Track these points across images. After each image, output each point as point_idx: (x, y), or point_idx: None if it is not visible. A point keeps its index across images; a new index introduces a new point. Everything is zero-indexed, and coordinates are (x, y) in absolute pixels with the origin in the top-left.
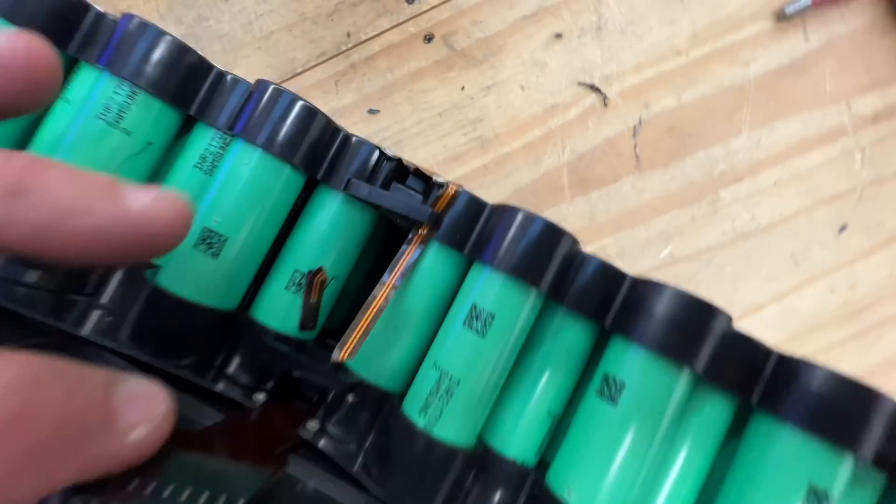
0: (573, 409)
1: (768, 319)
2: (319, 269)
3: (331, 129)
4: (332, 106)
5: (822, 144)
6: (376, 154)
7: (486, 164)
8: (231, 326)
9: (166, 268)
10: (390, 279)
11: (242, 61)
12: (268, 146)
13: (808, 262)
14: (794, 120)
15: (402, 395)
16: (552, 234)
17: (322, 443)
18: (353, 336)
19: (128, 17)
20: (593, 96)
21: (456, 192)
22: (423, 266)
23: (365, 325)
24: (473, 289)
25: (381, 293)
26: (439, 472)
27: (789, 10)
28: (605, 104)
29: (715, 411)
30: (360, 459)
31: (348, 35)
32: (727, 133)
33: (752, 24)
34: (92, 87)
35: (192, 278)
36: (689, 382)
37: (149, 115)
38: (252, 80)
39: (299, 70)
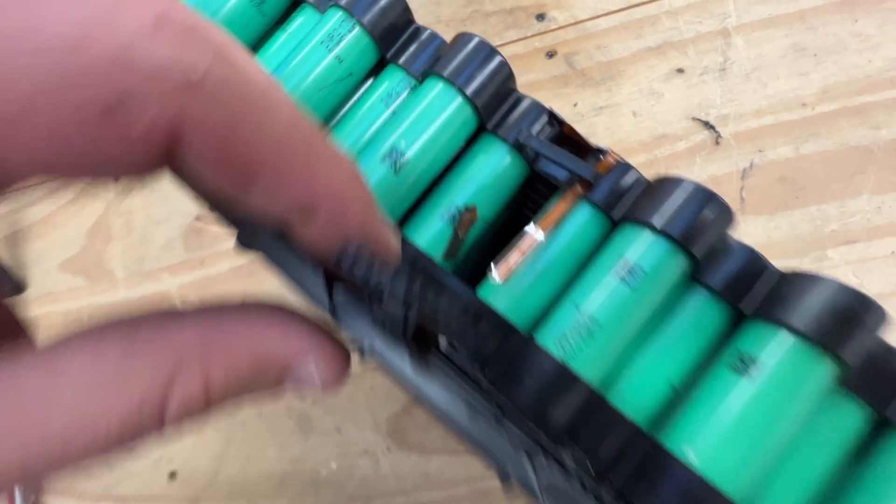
0: (695, 385)
1: None
2: (473, 208)
3: (510, 85)
4: None
5: None
6: (546, 115)
7: None
8: None
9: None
10: (539, 225)
11: None
12: (463, 86)
13: None
14: None
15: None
16: (719, 210)
17: (454, 357)
18: (510, 263)
19: None
20: (706, 133)
21: (617, 161)
22: (571, 221)
23: (519, 257)
24: (629, 246)
25: (531, 235)
26: (566, 402)
27: None
28: (717, 143)
29: (850, 415)
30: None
31: None
32: (845, 193)
33: (891, 87)
34: (321, 20)
35: (372, 186)
36: (830, 373)
37: (358, 48)
38: None
39: None
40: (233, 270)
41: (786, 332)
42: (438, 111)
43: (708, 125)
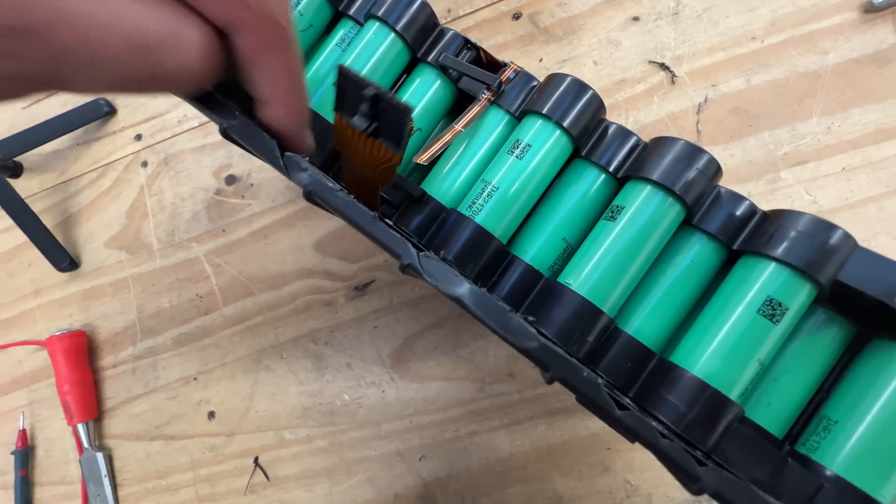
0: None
1: None
2: (410, 122)
3: (433, 21)
4: None
5: None
6: (461, 41)
7: None
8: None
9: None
10: (458, 125)
11: None
12: (393, 24)
13: (874, 249)
14: (873, 109)
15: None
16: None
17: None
18: (432, 149)
19: None
20: (662, 74)
21: (518, 69)
22: (484, 121)
23: (441, 144)
24: (527, 132)
25: (450, 131)
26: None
27: (876, 1)
28: (673, 82)
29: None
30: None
31: (448, 10)
32: (796, 117)
33: (837, 14)
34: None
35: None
36: (678, 210)
37: (314, 5)
38: None
39: None
40: (250, 235)
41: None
42: (374, 47)
43: (664, 66)
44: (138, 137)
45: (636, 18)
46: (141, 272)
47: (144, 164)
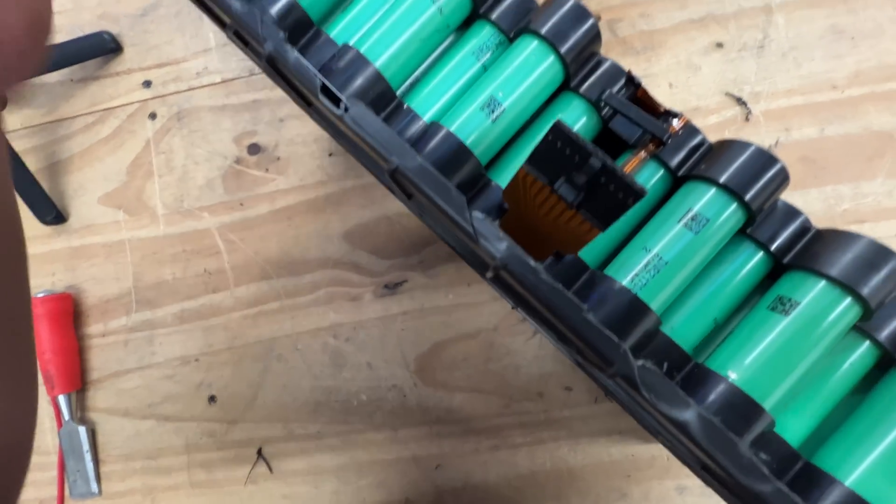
0: (736, 320)
1: None
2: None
3: (595, 47)
4: None
5: None
6: (625, 76)
7: None
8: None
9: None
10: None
11: None
12: (559, 45)
13: None
14: None
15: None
16: (777, 173)
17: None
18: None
19: None
20: (737, 109)
21: (687, 122)
22: (641, 175)
23: None
24: (695, 198)
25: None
26: (633, 324)
27: None
28: (747, 119)
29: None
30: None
31: None
32: (862, 175)
33: None
34: None
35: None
36: (856, 312)
37: (459, 3)
38: None
39: None
40: (271, 213)
41: (819, 278)
42: (533, 67)
43: (740, 101)
44: (147, 84)
45: (720, 45)
46: (141, 237)
47: (153, 115)
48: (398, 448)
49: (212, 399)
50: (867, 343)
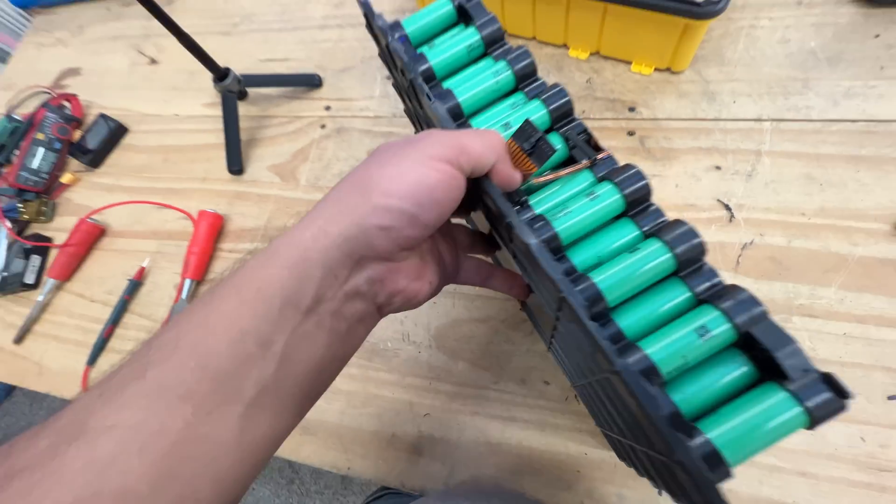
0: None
1: None
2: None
3: (571, 110)
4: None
5: None
6: (583, 127)
7: None
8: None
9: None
10: (563, 172)
11: None
12: (551, 108)
13: (851, 406)
14: (882, 300)
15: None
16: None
17: None
18: (543, 178)
19: None
20: (724, 212)
21: (608, 154)
22: (577, 177)
23: (549, 178)
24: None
25: (556, 174)
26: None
27: None
28: (730, 221)
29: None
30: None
31: (583, 112)
32: (818, 281)
33: (874, 222)
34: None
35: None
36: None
37: (507, 80)
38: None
39: None
40: None
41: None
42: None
43: (727, 207)
44: (327, 108)
45: (718, 167)
46: (283, 195)
47: (323, 126)
48: (401, 391)
49: None
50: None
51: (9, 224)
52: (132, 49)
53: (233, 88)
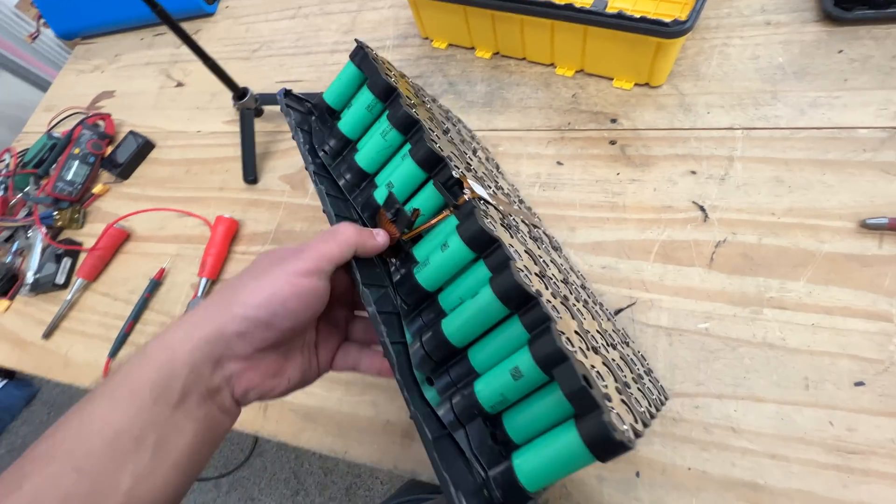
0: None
1: (765, 412)
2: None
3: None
4: (541, 152)
5: (865, 318)
6: (448, 175)
7: (608, 218)
8: None
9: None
10: (428, 224)
11: (508, 113)
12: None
13: (818, 392)
14: (847, 292)
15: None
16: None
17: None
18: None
19: None
20: (699, 213)
21: (466, 201)
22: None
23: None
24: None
25: (425, 225)
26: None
27: (869, 221)
28: (705, 220)
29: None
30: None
31: (569, 123)
32: (788, 276)
33: (839, 220)
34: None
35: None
36: None
37: (396, 138)
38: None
39: (535, 128)
40: None
41: None
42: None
43: (702, 208)
44: None
45: (693, 172)
46: (292, 202)
47: None
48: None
49: None
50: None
51: (44, 229)
52: (161, 74)
53: (250, 106)
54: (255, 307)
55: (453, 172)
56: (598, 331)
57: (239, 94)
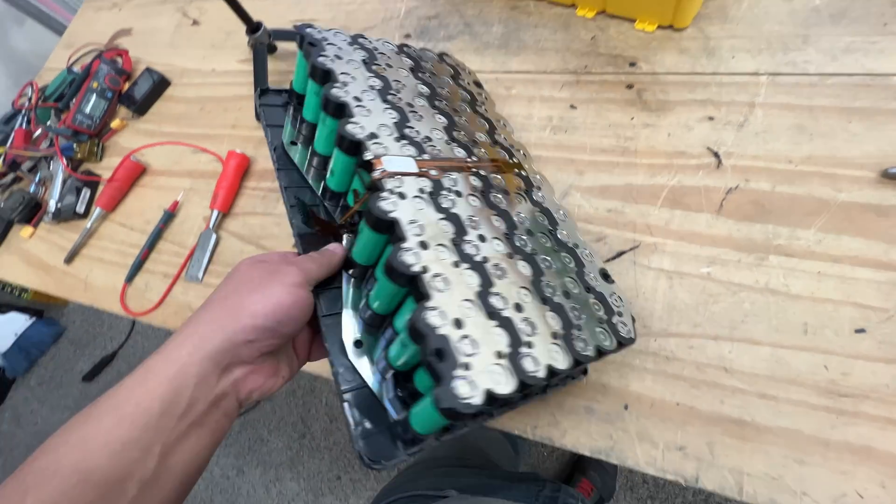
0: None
1: (760, 355)
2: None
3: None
4: (555, 96)
5: (874, 268)
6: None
7: (618, 163)
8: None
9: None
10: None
11: (524, 55)
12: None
13: (816, 337)
14: (860, 242)
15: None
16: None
17: None
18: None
19: None
20: (712, 159)
21: (375, 181)
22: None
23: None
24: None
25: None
26: None
27: (892, 170)
28: (718, 167)
29: None
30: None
31: (585, 67)
32: (799, 224)
33: (860, 170)
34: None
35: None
36: None
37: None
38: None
39: (550, 70)
40: None
41: None
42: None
43: (716, 154)
44: None
45: (711, 118)
46: None
47: None
48: None
49: None
50: None
51: (65, 161)
52: (178, 12)
53: (263, 41)
54: (264, 316)
55: (365, 155)
56: (523, 286)
57: (252, 27)
